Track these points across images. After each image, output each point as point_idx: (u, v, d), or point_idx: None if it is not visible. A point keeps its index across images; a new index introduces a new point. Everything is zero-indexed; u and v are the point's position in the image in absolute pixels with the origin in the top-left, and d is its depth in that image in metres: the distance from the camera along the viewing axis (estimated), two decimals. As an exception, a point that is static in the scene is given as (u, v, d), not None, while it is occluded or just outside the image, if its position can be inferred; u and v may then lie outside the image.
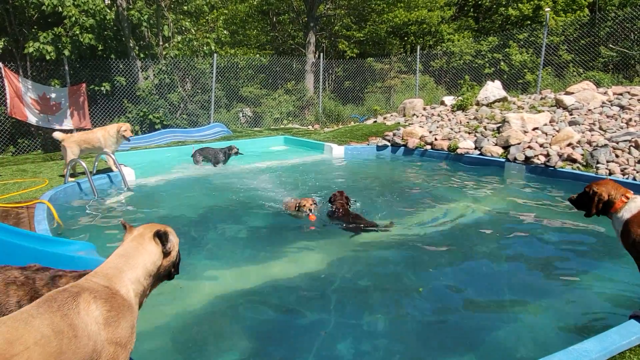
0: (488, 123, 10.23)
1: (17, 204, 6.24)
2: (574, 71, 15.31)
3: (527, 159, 8.26)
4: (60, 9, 12.03)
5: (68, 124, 12.44)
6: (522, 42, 18.06)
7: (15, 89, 11.40)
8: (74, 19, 12.34)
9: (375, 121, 13.81)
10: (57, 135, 8.22)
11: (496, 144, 9.13)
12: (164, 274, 2.42)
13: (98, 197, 6.88)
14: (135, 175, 8.34)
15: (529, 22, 21.42)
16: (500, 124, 9.72)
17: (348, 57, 22.14)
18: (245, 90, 17.55)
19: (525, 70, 17.64)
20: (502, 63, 17.86)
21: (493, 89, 11.83)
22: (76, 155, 7.88)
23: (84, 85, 12.83)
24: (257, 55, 19.29)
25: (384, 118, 13.86)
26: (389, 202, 6.99)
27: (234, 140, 12.52)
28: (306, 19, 20.87)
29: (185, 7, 15.42)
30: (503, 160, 8.63)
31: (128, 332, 1.97)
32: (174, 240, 2.39)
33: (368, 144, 11.25)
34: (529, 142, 8.64)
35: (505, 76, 16.91)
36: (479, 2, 24.20)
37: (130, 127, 8.39)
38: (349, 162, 10.33)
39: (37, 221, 5.23)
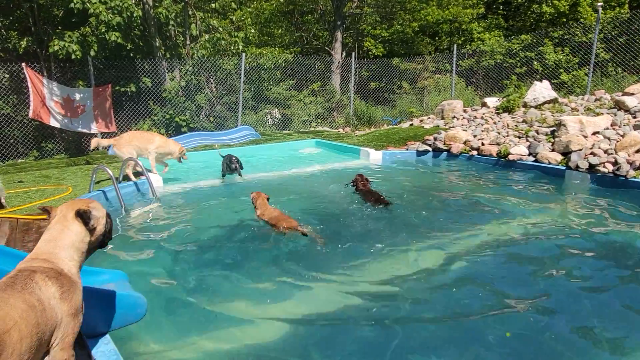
0: (539, 127, 9.41)
1: (38, 215, 5.74)
2: (621, 70, 14.32)
3: (592, 167, 7.45)
4: (87, 5, 11.57)
5: (93, 127, 12.01)
6: (557, 40, 17.12)
7: (38, 90, 11.00)
8: (101, 16, 11.87)
9: (411, 124, 13.07)
10: (100, 143, 7.91)
11: (553, 150, 8.33)
12: (96, 246, 2.46)
13: (125, 207, 6.33)
14: (163, 182, 7.82)
15: (564, 20, 20.44)
16: (554, 128, 8.92)
17: (372, 55, 21.38)
18: (274, 91, 16.95)
19: (560, 69, 16.70)
20: (535, 62, 16.95)
21: (542, 90, 10.98)
22: (132, 154, 7.59)
23: (109, 86, 12.40)
24: (285, 53, 18.70)
25: (420, 121, 13.10)
26: (438, 213, 6.25)
27: (263, 144, 11.94)
28: (333, 17, 20.24)
29: (213, 5, 14.91)
30: (563, 168, 7.81)
31: (79, 304, 2.17)
32: (97, 215, 2.41)
33: (407, 149, 10.52)
34: (591, 148, 7.82)
35: (538, 76, 16.01)
36: (509, 0, 23.24)
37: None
38: (388, 168, 9.56)
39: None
